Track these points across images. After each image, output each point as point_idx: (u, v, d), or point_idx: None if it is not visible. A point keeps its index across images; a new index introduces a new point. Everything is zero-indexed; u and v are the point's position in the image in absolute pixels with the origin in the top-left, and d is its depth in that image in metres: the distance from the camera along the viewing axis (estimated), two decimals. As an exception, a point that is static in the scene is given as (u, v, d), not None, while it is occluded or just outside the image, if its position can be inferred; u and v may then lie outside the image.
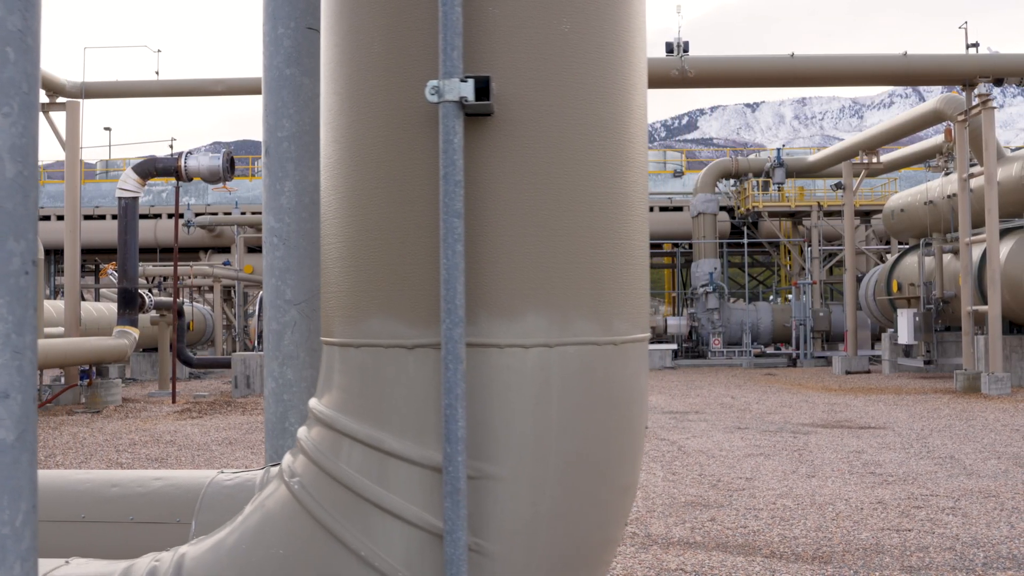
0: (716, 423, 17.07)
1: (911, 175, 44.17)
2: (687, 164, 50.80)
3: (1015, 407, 19.23)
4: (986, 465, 11.98)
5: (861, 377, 29.30)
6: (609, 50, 2.68)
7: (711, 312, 37.70)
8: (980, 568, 7.20)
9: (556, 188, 2.56)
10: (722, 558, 7.56)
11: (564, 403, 2.55)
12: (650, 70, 23.86)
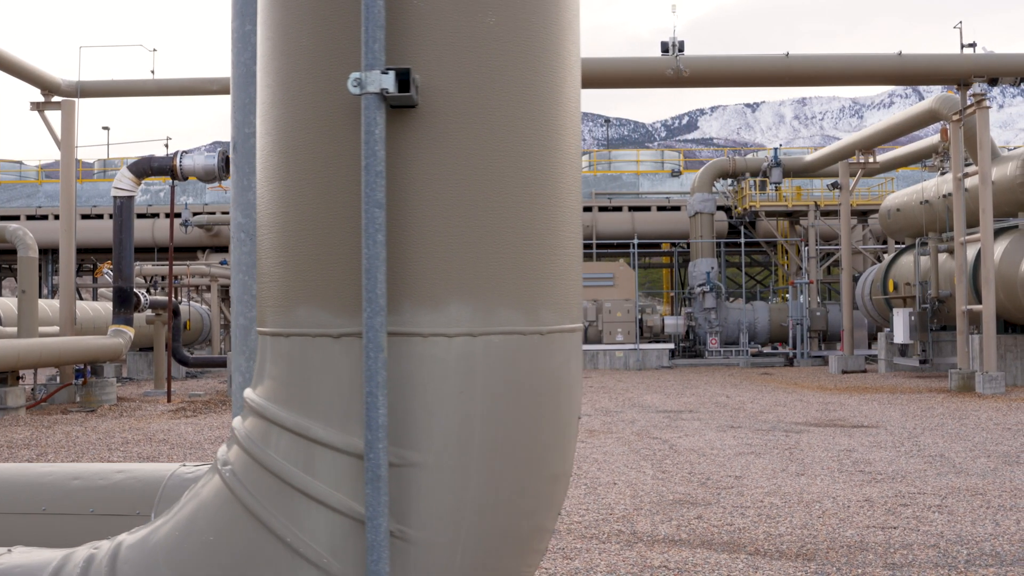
0: (709, 422, 17.08)
1: (908, 175, 44.19)
2: (685, 164, 50.83)
3: (1008, 406, 19.25)
4: (976, 463, 12.00)
5: (857, 376, 29.31)
6: (537, 44, 2.70)
7: (708, 312, 37.71)
8: (962, 565, 7.21)
9: (481, 179, 2.58)
10: (706, 555, 7.57)
11: (488, 392, 2.57)
12: (645, 70, 23.94)
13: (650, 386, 26.16)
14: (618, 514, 9.13)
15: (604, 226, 44.12)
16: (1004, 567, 7.12)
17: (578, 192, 2.87)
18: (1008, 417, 17.23)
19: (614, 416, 18.24)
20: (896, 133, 30.49)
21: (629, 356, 35.32)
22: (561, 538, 8.19)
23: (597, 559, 7.48)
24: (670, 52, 23.70)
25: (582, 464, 12.22)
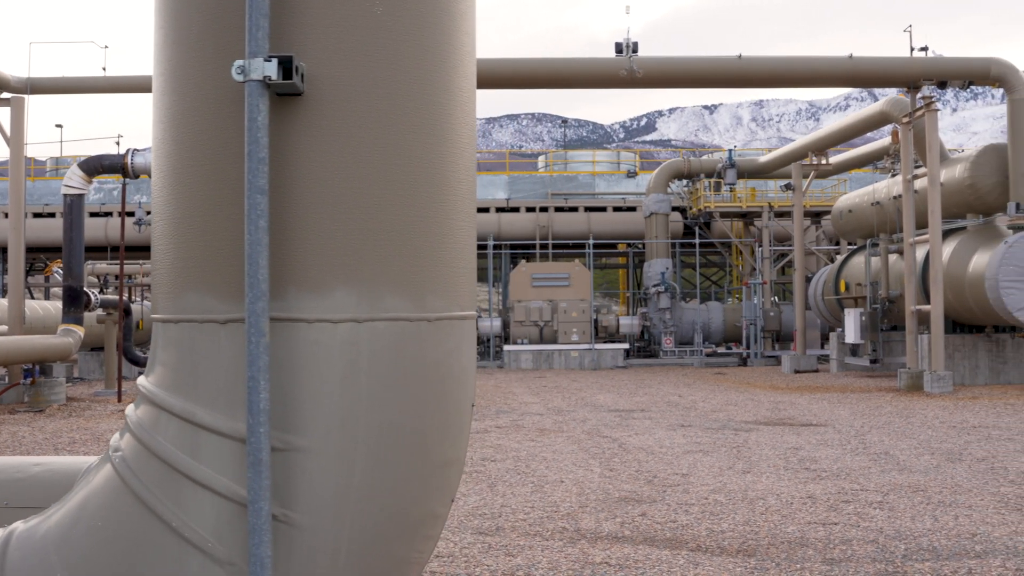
0: (660, 421, 17.17)
1: (860, 176, 44.64)
2: (641, 164, 51.02)
3: (955, 405, 19.51)
4: (919, 461, 12.15)
5: (809, 376, 29.58)
6: (427, 34, 2.70)
7: (663, 312, 37.90)
8: (899, 560, 7.30)
9: (367, 167, 2.58)
10: (648, 552, 7.61)
11: (374, 378, 2.58)
12: (599, 70, 24.03)
13: (604, 386, 26.26)
14: (563, 512, 9.17)
15: (560, 226, 44.21)
16: (940, 561, 7.22)
17: (471, 182, 2.88)
18: (954, 416, 17.46)
19: (566, 415, 18.30)
20: (848, 135, 30.80)
21: (584, 356, 35.42)
22: (505, 535, 8.21)
23: (539, 556, 7.51)
24: (624, 53, 23.80)
25: (530, 463, 12.25)
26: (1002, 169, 24.63)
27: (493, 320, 37.85)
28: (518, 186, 45.66)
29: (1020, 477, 10.82)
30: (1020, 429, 15.28)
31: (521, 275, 37.12)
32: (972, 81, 24.84)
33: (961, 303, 24.34)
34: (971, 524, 8.46)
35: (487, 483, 10.78)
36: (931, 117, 23.67)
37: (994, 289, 22.66)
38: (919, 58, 24.65)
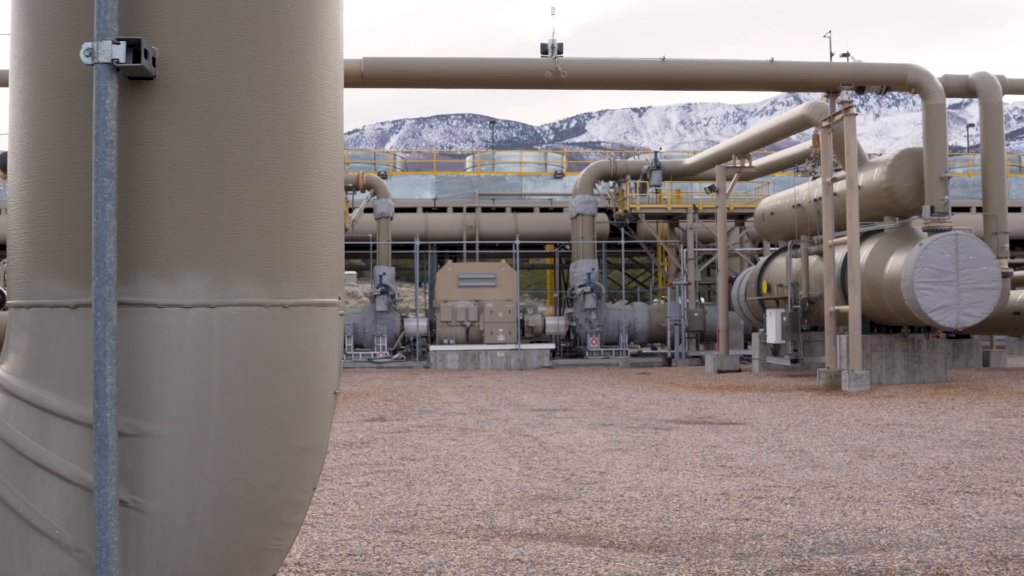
0: (582, 420, 17.26)
1: (783, 179, 45.29)
2: (569, 166, 51.25)
3: (871, 403, 19.87)
4: (832, 458, 12.36)
5: (731, 376, 29.93)
6: (287, 22, 2.68)
7: (589, 312, 38.11)
8: (806, 554, 7.42)
9: (221, 153, 2.55)
10: (560, 548, 7.65)
11: (227, 363, 2.56)
12: (524, 71, 24.09)
13: (528, 385, 26.33)
14: (479, 510, 9.17)
15: (487, 227, 44.26)
16: (845, 555, 7.35)
17: (336, 169, 2.86)
18: (869, 414, 17.78)
19: (489, 415, 18.31)
20: (771, 138, 31.20)
21: (510, 356, 35.48)
22: (419, 533, 8.20)
23: (452, 553, 7.50)
24: (549, 54, 23.89)
25: (450, 462, 12.24)
26: (918, 173, 25.14)
27: (419, 320, 37.76)
28: (445, 186, 45.61)
29: (928, 473, 11.06)
30: (932, 426, 15.61)
31: (447, 275, 37.08)
32: (889, 87, 25.32)
33: (878, 304, 24.80)
34: (878, 518, 8.62)
35: (405, 482, 10.75)
36: (849, 121, 24.08)
37: (910, 290, 23.13)
38: (838, 63, 25.06)
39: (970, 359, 34.18)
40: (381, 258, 39.34)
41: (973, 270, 23.35)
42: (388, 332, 38.23)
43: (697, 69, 24.65)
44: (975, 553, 7.36)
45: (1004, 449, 12.94)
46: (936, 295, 23.13)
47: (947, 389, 23.19)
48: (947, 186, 24.50)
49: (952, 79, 26.91)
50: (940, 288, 23.14)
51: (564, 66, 23.69)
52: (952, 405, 19.19)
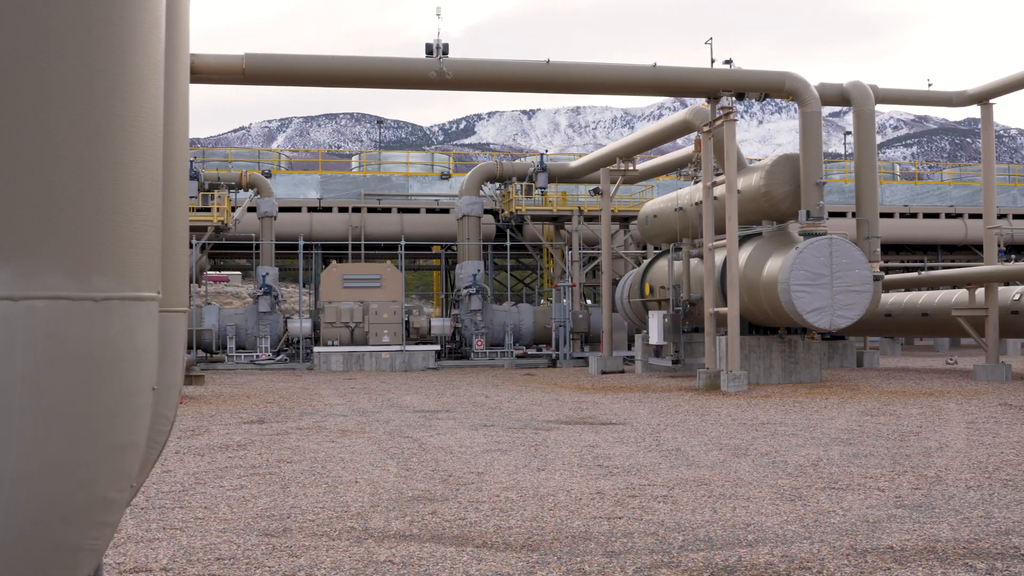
0: (464, 421, 17.24)
1: (667, 183, 45.97)
2: (456, 167, 51.25)
3: (748, 403, 20.28)
4: (707, 456, 12.56)
5: (615, 376, 30.25)
6: (94, 4, 2.57)
7: (474, 313, 38.15)
8: (676, 551, 7.52)
9: (28, 139, 2.43)
10: (433, 549, 7.62)
11: (31, 358, 2.48)
12: (410, 72, 23.98)
13: (412, 387, 26.23)
14: (353, 511, 9.08)
15: (373, 227, 43.99)
16: (713, 551, 7.47)
17: (153, 160, 2.79)
18: (746, 413, 18.14)
19: (370, 417, 18.18)
20: (655, 142, 31.65)
21: (395, 357, 35.31)
22: (291, 536, 8.08)
23: (323, 556, 7.41)
24: (434, 55, 23.83)
25: (327, 464, 12.10)
26: (795, 178, 25.77)
27: (303, 321, 37.32)
28: (331, 186, 45.18)
29: (798, 470, 11.32)
30: (804, 425, 15.99)
31: (332, 276, 36.73)
32: (768, 94, 25.87)
33: (756, 306, 25.33)
34: (747, 515, 8.79)
35: (279, 484, 10.59)
36: (729, 126, 24.56)
37: (786, 292, 23.68)
38: (718, 70, 25.54)
39: (845, 360, 35.18)
40: (264, 258, 38.77)
41: (846, 273, 24.02)
42: (271, 333, 37.70)
43: (581, 72, 24.84)
44: (837, 547, 7.55)
45: (871, 447, 13.31)
46: (811, 297, 23.73)
47: (821, 389, 23.80)
48: (822, 191, 25.17)
49: (828, 87, 27.65)
50: (815, 290, 23.75)
51: (449, 67, 23.65)
52: (825, 404, 19.69)
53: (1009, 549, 7.44)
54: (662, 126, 30.24)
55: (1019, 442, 13.62)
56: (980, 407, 18.80)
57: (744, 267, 25.41)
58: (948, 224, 51.17)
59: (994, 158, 30.64)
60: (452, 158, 52.54)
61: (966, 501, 9.34)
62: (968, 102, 31.01)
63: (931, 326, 33.00)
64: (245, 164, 46.02)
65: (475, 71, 24.34)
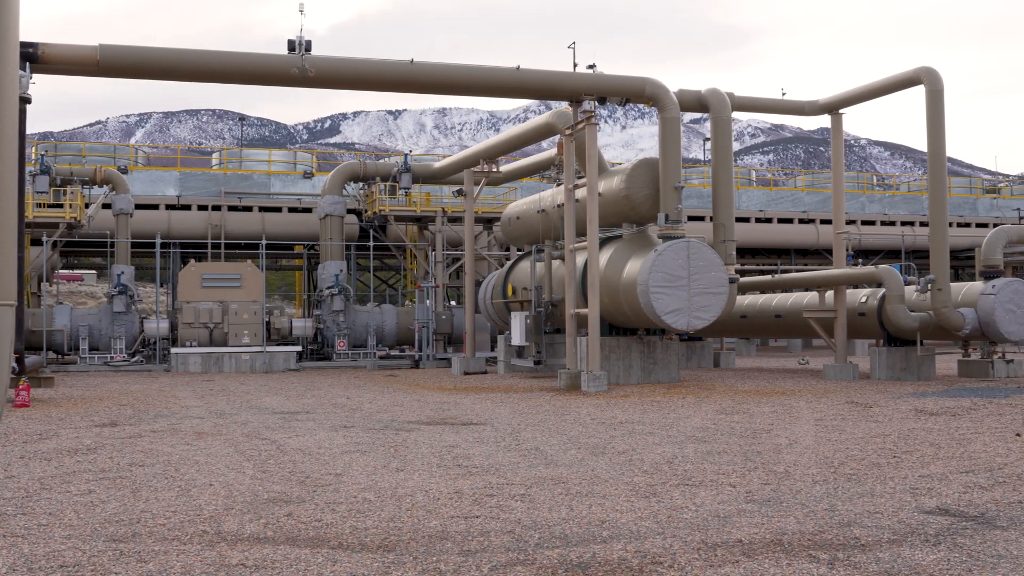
0: (324, 422, 17.05)
1: (531, 185, 46.32)
2: (319, 166, 50.66)
3: (607, 403, 20.56)
4: (566, 455, 12.69)
5: (477, 377, 30.33)
6: None
7: (336, 314, 37.78)
8: (531, 548, 7.57)
9: None
10: (288, 551, 7.51)
11: None
12: (271, 67, 23.61)
13: (272, 388, 25.83)
14: (206, 515, 8.89)
15: (234, 226, 43.17)
16: (568, 548, 7.55)
17: None
18: (605, 413, 18.39)
19: (228, 419, 17.82)
20: (518, 144, 31.84)
21: (256, 359, 34.72)
22: (140, 541, 7.86)
23: (174, 560, 7.23)
24: (296, 51, 23.48)
25: (181, 467, 11.82)
26: (654, 182, 26.23)
27: (160, 322, 36.36)
28: (190, 183, 44.15)
29: (653, 467, 11.53)
30: (661, 424, 16.30)
31: (190, 275, 35.91)
32: (629, 98, 26.27)
33: (616, 307, 25.71)
34: (603, 512, 8.91)
35: (130, 489, 10.30)
36: (591, 130, 24.86)
37: (645, 294, 24.09)
38: (581, 73, 25.84)
39: (702, 360, 36.00)
40: (120, 257, 37.62)
41: (703, 275, 24.58)
42: (127, 334, 36.62)
43: (445, 73, 24.82)
44: (688, 542, 7.71)
45: (725, 444, 13.65)
46: (669, 299, 24.20)
47: (679, 388, 24.30)
48: (681, 195, 25.68)
49: (686, 94, 28.23)
50: (673, 292, 24.23)
51: (312, 64, 23.35)
52: (682, 404, 20.11)
53: (851, 540, 7.72)
54: (525, 128, 30.45)
55: (863, 438, 14.14)
56: (828, 405, 19.45)
57: (604, 269, 25.76)
58: (801, 229, 52.85)
59: (843, 166, 31.76)
60: (316, 157, 51.96)
61: (812, 495, 9.65)
62: (819, 112, 32.08)
63: (784, 327, 34.03)
64: (100, 159, 44.62)
65: (338, 69, 24.08)
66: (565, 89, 25.50)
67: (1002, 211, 57.86)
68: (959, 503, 9.19)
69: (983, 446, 13.23)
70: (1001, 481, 10.38)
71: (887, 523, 8.33)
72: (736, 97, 29.98)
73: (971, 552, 7.29)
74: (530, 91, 25.98)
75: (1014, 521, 8.35)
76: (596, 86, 25.43)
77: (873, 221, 54.21)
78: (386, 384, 27.41)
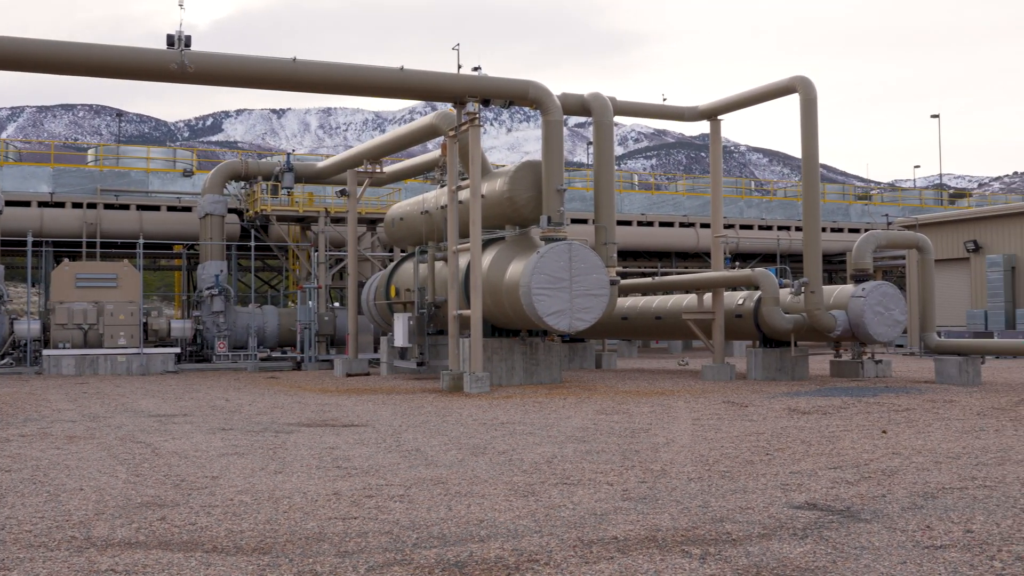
0: (201, 425, 16.76)
1: (415, 186, 46.22)
2: (200, 164, 49.72)
3: (490, 403, 20.63)
4: (446, 456, 12.71)
5: (360, 379, 30.14)
6: None
7: (217, 315, 37.15)
8: (409, 548, 7.58)
9: None
10: (159, 556, 7.37)
11: None
12: (149, 62, 23.08)
13: (150, 391, 25.27)
14: (76, 520, 8.67)
15: (110, 224, 42.05)
16: (446, 547, 7.57)
17: None
18: (487, 414, 18.46)
19: (101, 422, 17.39)
20: (403, 144, 31.76)
21: (132, 361, 33.91)
22: (4, 548, 7.63)
23: (39, 567, 7.04)
24: (176, 46, 23.00)
25: (50, 471, 11.50)
26: (537, 184, 26.42)
27: (32, 323, 35.22)
28: (64, 180, 42.87)
29: (533, 467, 11.62)
30: (542, 424, 16.43)
31: (64, 275, 34.88)
32: (513, 101, 26.41)
33: (499, 308, 25.82)
34: (481, 511, 8.95)
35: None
36: (474, 132, 24.93)
37: (527, 296, 24.25)
38: (465, 75, 25.88)
39: (584, 361, 36.37)
40: (-12, 255, 36.36)
41: (585, 278, 24.85)
42: (-5, 335, 35.38)
43: (329, 72, 24.58)
44: (565, 539, 7.80)
45: (604, 443, 13.83)
46: (551, 300, 24.40)
47: (560, 389, 24.51)
48: (563, 198, 25.92)
49: (569, 97, 28.51)
50: (555, 294, 24.44)
51: (192, 60, 22.91)
52: (563, 404, 20.30)
53: (722, 535, 7.91)
54: (410, 129, 30.39)
55: (738, 436, 14.48)
56: (706, 405, 19.86)
57: (487, 271, 25.85)
58: (681, 232, 53.80)
59: (721, 171, 32.44)
60: (196, 155, 50.94)
61: (687, 492, 9.86)
62: (699, 117, 32.70)
63: (664, 329, 34.60)
64: (-33, 155, 43.05)
65: (218, 65, 23.65)
66: (449, 91, 25.52)
67: (873, 217, 59.83)
68: (826, 498, 9.49)
69: (851, 443, 13.67)
70: (867, 476, 10.75)
71: (758, 518, 8.56)
72: (618, 102, 30.40)
73: (836, 544, 7.54)
74: (414, 92, 25.92)
75: (877, 514, 8.65)
76: (480, 88, 25.51)
77: (751, 225, 55.45)
78: (267, 386, 27.05)
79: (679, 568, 6.91)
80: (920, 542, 7.61)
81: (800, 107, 28.45)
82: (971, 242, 45.64)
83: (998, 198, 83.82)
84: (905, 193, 70.24)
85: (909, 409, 18.50)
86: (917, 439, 14.05)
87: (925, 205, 66.67)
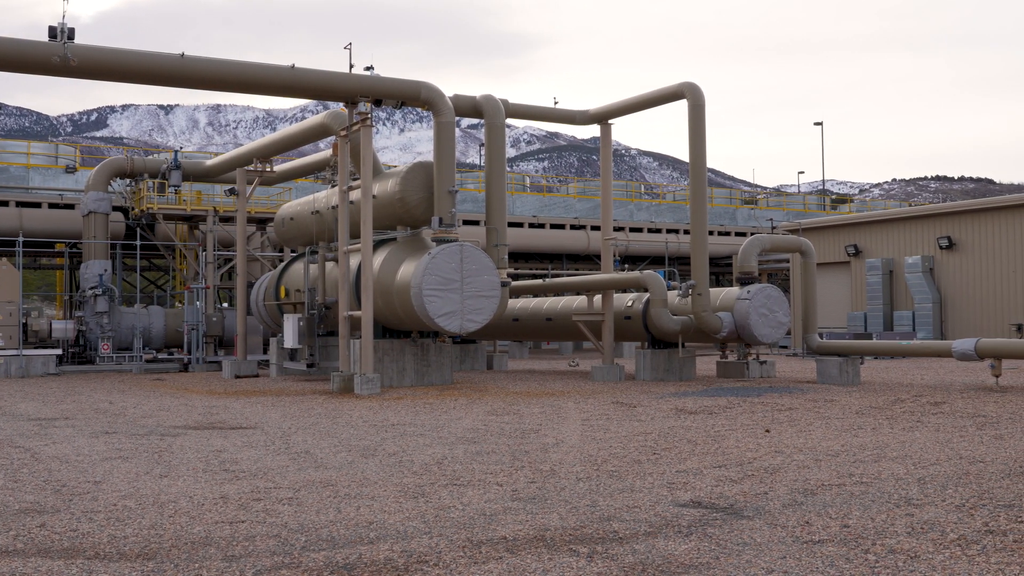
0: (83, 428, 16.37)
1: (306, 186, 45.77)
2: (84, 160, 48.46)
3: (380, 405, 20.57)
4: (336, 458, 12.65)
5: (249, 381, 29.75)
6: None
7: (101, 316, 36.25)
8: (297, 551, 7.54)
9: None
10: (39, 563, 7.20)
11: None
12: (29, 54, 22.44)
13: (29, 394, 24.56)
14: (-51, 527, 8.41)
15: (-13, 222, 40.70)
16: (335, 550, 7.55)
17: None
18: (377, 415, 18.40)
19: (-23, 425, 16.86)
20: (293, 143, 31.41)
21: (11, 363, 32.88)
22: None
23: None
24: (59, 39, 22.39)
25: (-77, 477, 11.12)
26: (429, 185, 26.42)
27: (-98, 323, 33.89)
28: (-62, 176, 41.36)
29: (423, 468, 11.64)
30: (433, 425, 16.45)
31: (-62, 274, 33.65)
32: (405, 101, 26.35)
33: (391, 310, 25.75)
34: (371, 513, 8.95)
35: None
36: (366, 132, 24.81)
37: (418, 297, 24.22)
38: (357, 75, 25.73)
39: (475, 362, 36.44)
40: None
41: (476, 279, 24.92)
42: None
43: (218, 69, 24.19)
44: (454, 540, 7.85)
45: (494, 444, 13.91)
46: (442, 302, 24.42)
47: (452, 391, 24.54)
48: (454, 199, 25.96)
49: (462, 99, 28.57)
50: (446, 295, 24.46)
51: (75, 53, 22.31)
52: (454, 405, 20.33)
53: (610, 533, 8.04)
54: (300, 128, 30.10)
55: (626, 436, 14.71)
56: (595, 405, 20.10)
57: (379, 272, 25.76)
58: (573, 235, 54.28)
59: (611, 174, 32.79)
60: (79, 151, 49.62)
61: (575, 492, 9.99)
62: (590, 121, 33.04)
63: (555, 330, 34.87)
64: None
65: (103, 59, 23.07)
66: (341, 90, 25.34)
67: (759, 221, 61.22)
68: (711, 496, 9.71)
69: (735, 442, 14.00)
70: (750, 474, 11.02)
71: (644, 516, 8.72)
72: (510, 104, 30.55)
73: (719, 541, 7.73)
74: (305, 91, 25.68)
75: (759, 511, 8.89)
76: (372, 88, 25.39)
77: (641, 228, 56.21)
78: (153, 388, 26.52)
79: (567, 567, 7.01)
80: (799, 537, 7.84)
81: (688, 112, 28.96)
82: (851, 246, 47.05)
83: (877, 204, 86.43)
84: (790, 198, 71.98)
85: (792, 408, 19.00)
86: (799, 438, 14.44)
87: (809, 210, 68.43)
